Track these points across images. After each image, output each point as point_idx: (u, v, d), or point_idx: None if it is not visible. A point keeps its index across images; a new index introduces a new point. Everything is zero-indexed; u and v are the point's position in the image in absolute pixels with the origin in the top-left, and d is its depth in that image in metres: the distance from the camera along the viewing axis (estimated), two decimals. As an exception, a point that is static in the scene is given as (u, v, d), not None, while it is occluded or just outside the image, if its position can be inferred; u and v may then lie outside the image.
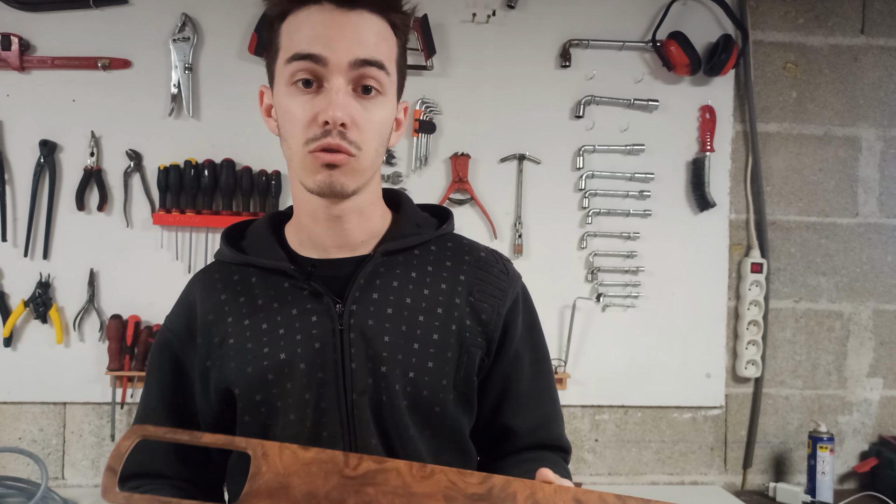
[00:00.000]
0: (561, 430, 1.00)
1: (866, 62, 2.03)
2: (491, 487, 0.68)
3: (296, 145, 0.82)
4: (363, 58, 0.80)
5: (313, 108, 0.80)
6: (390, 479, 0.68)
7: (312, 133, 0.80)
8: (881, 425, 2.06)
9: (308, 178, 0.83)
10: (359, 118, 0.81)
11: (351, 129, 0.80)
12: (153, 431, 0.71)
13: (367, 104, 0.82)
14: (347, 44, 0.80)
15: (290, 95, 0.82)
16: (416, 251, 0.93)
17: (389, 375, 0.85)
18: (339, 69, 0.80)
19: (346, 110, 0.80)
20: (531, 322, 0.99)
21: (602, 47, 1.95)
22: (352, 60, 0.80)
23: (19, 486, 1.72)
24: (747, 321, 2.00)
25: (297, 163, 0.84)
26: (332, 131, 0.79)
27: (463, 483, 0.68)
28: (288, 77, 0.81)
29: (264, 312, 0.88)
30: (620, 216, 1.96)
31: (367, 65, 0.80)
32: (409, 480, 0.68)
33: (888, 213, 2.04)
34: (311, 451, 0.69)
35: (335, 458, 0.68)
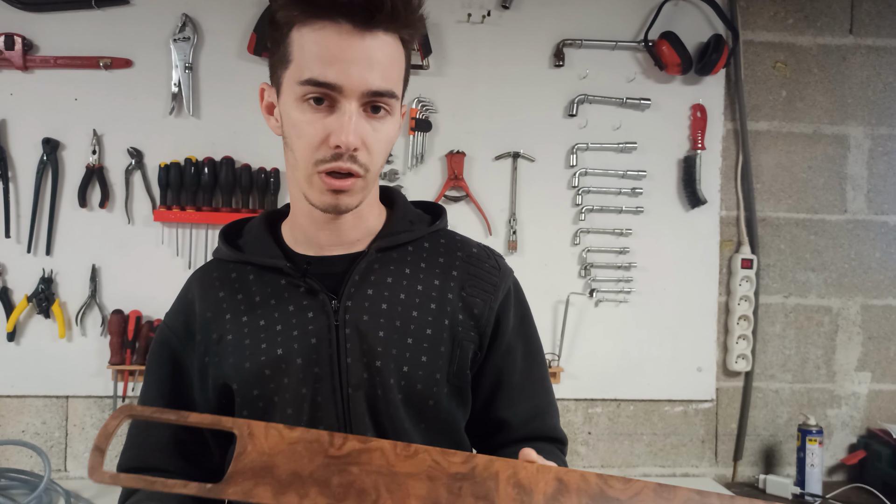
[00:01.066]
0: (555, 421, 1.01)
1: (854, 62, 2.06)
2: (474, 467, 0.68)
3: (304, 161, 0.83)
4: (376, 89, 0.80)
5: (325, 129, 0.80)
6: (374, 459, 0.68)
7: (322, 154, 0.81)
8: (869, 418, 2.09)
9: (314, 195, 0.84)
10: (369, 140, 0.82)
11: (361, 151, 0.81)
12: (140, 411, 0.70)
13: (377, 124, 0.83)
14: (361, 71, 0.79)
15: (300, 111, 0.82)
16: (409, 247, 0.94)
17: (384, 370, 0.86)
18: (352, 95, 0.79)
19: (358, 135, 0.80)
20: (523, 315, 1.00)
21: (595, 47, 1.97)
22: (365, 90, 0.80)
23: (22, 478, 1.74)
24: (738, 316, 2.03)
25: (302, 177, 0.84)
26: (343, 155, 0.80)
27: (446, 462, 0.69)
28: (299, 94, 0.81)
29: (261, 309, 0.89)
30: (613, 213, 1.99)
31: (379, 95, 0.81)
32: (392, 460, 0.68)
33: (876, 209, 2.08)
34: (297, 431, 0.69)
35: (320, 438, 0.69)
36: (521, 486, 0.67)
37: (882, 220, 2.08)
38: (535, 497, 0.67)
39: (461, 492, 0.67)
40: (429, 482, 0.67)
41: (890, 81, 2.06)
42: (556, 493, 0.67)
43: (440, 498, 0.67)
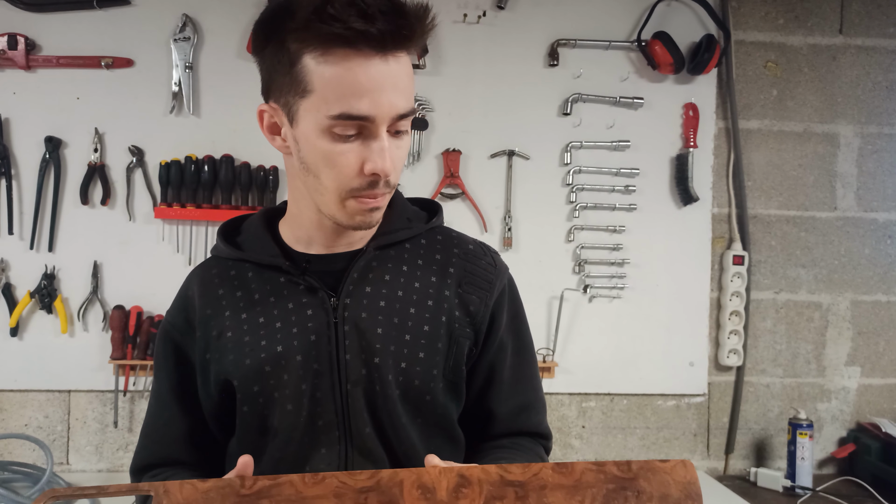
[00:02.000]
0: (541, 417, 1.02)
1: (844, 61, 2.09)
2: (379, 480, 0.71)
3: (337, 189, 0.83)
4: (403, 112, 0.81)
5: (359, 158, 0.80)
6: (284, 491, 0.71)
7: (359, 183, 0.82)
8: (859, 412, 2.12)
9: (344, 217, 0.85)
10: (397, 161, 0.83)
11: (392, 174, 0.83)
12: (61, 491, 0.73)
13: (401, 144, 0.84)
14: (390, 98, 0.79)
15: (330, 140, 0.80)
16: (406, 245, 0.95)
17: (382, 366, 0.87)
18: (383, 122, 0.80)
19: (394, 163, 0.82)
20: (515, 312, 1.01)
21: (589, 47, 2.00)
22: (394, 116, 0.80)
23: (25, 471, 1.77)
24: (729, 311, 2.05)
25: (332, 202, 0.84)
26: (379, 182, 0.82)
27: (352, 481, 0.72)
28: (329, 126, 0.79)
29: (261, 306, 0.90)
30: (607, 210, 2.01)
31: (404, 117, 0.82)
32: (300, 488, 0.71)
33: (865, 207, 2.10)
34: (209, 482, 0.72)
35: (232, 484, 0.71)
36: (425, 487, 0.71)
37: (871, 218, 2.11)
38: (439, 493, 0.71)
39: (367, 501, 0.71)
40: (336, 499, 0.71)
41: (879, 80, 2.09)
42: (458, 486, 0.71)
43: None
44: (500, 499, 0.71)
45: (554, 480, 0.72)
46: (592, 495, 0.71)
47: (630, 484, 0.71)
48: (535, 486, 0.71)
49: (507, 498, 0.71)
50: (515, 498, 0.71)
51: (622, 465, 0.73)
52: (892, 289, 2.11)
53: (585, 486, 0.71)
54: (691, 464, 0.73)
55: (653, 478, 0.72)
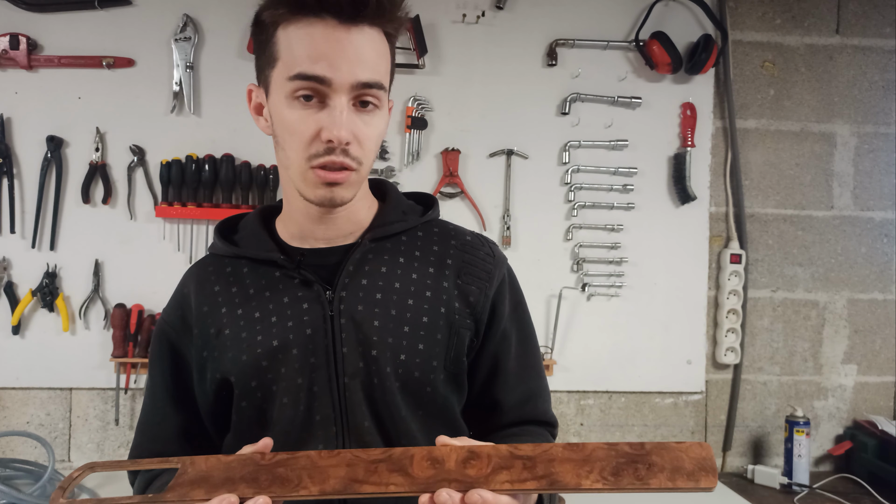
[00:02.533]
0: (546, 405, 1.02)
1: (841, 61, 2.10)
2: (391, 454, 0.74)
3: (296, 158, 0.84)
4: (365, 81, 0.81)
5: (316, 124, 0.81)
6: (300, 462, 0.75)
7: (315, 149, 0.82)
8: (855, 410, 2.13)
9: (308, 191, 0.85)
10: (360, 134, 0.83)
11: (353, 145, 0.82)
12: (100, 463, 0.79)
13: (367, 118, 0.84)
14: (350, 65, 0.80)
15: (290, 108, 0.82)
16: (402, 237, 0.95)
17: (380, 359, 0.87)
18: (342, 89, 0.80)
19: (350, 129, 0.81)
20: (517, 302, 1.01)
21: (587, 47, 2.01)
22: (354, 83, 0.81)
23: (27, 469, 1.77)
24: (727, 310, 2.07)
25: (296, 174, 0.85)
26: (335, 149, 0.81)
27: (366, 455, 0.75)
28: (289, 91, 0.82)
29: (256, 301, 0.90)
30: (605, 209, 2.03)
31: (368, 87, 0.82)
32: (315, 459, 0.75)
33: (862, 206, 2.11)
34: (233, 456, 0.76)
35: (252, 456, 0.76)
36: (435, 459, 0.73)
37: (868, 216, 2.12)
38: (447, 464, 0.72)
39: (377, 468, 0.73)
40: (347, 467, 0.74)
41: (875, 80, 2.10)
42: (468, 459, 0.73)
43: (357, 475, 0.73)
44: (508, 468, 0.72)
45: (563, 455, 0.72)
46: (601, 466, 0.70)
47: (641, 458, 0.70)
48: (543, 459, 0.72)
49: (515, 468, 0.72)
50: (523, 468, 0.72)
51: (635, 445, 0.72)
52: (888, 287, 2.12)
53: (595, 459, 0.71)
54: (708, 445, 0.71)
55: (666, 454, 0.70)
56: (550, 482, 0.70)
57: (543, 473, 0.71)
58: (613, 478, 0.69)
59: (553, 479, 0.70)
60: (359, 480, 0.73)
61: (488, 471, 0.72)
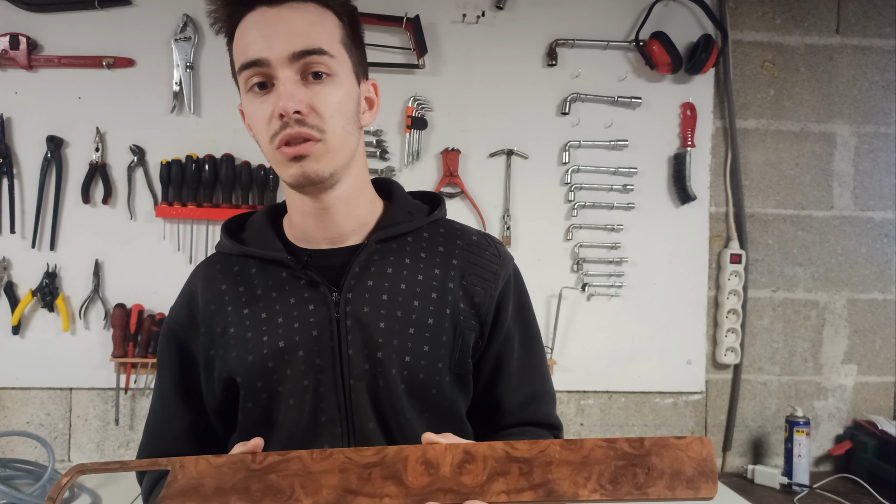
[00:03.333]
0: (550, 407, 1.01)
1: (841, 61, 2.10)
2: (384, 455, 0.73)
3: (265, 145, 0.85)
4: (300, 49, 0.82)
5: (270, 106, 0.83)
6: (292, 466, 0.73)
7: (273, 129, 0.83)
8: (855, 410, 2.13)
9: (283, 172, 0.85)
10: (314, 102, 0.83)
11: (309, 114, 0.82)
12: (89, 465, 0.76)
13: (320, 88, 0.83)
14: (282, 39, 0.81)
15: (250, 101, 0.85)
16: (408, 238, 0.94)
17: (386, 361, 0.87)
18: (281, 64, 0.82)
19: (297, 98, 0.81)
20: (521, 302, 1.00)
21: (587, 47, 2.01)
22: (290, 54, 0.81)
23: (27, 469, 1.77)
24: (727, 310, 2.06)
25: (270, 161, 0.86)
26: (290, 122, 0.82)
27: (358, 457, 0.73)
28: (244, 86, 0.85)
29: (263, 302, 0.90)
30: (605, 209, 2.03)
31: (306, 54, 0.82)
32: (308, 464, 0.73)
33: (862, 206, 2.11)
34: (223, 458, 0.75)
35: (243, 459, 0.74)
36: (429, 462, 0.72)
37: (868, 216, 2.12)
38: (442, 469, 0.72)
39: (371, 476, 0.72)
40: (340, 474, 0.73)
41: (875, 80, 2.10)
42: (463, 462, 0.72)
43: (351, 485, 0.72)
44: (504, 474, 0.71)
45: (561, 457, 0.71)
46: (599, 472, 0.70)
47: (640, 460, 0.70)
48: (540, 463, 0.71)
49: (511, 474, 0.71)
50: (519, 474, 0.71)
51: (634, 441, 0.71)
52: (888, 287, 2.12)
53: (593, 462, 0.70)
54: (709, 441, 0.71)
55: (665, 454, 0.70)
56: (547, 492, 0.70)
57: (540, 481, 0.70)
58: (612, 486, 0.69)
59: (550, 489, 0.70)
60: (352, 491, 0.72)
61: (484, 478, 0.71)
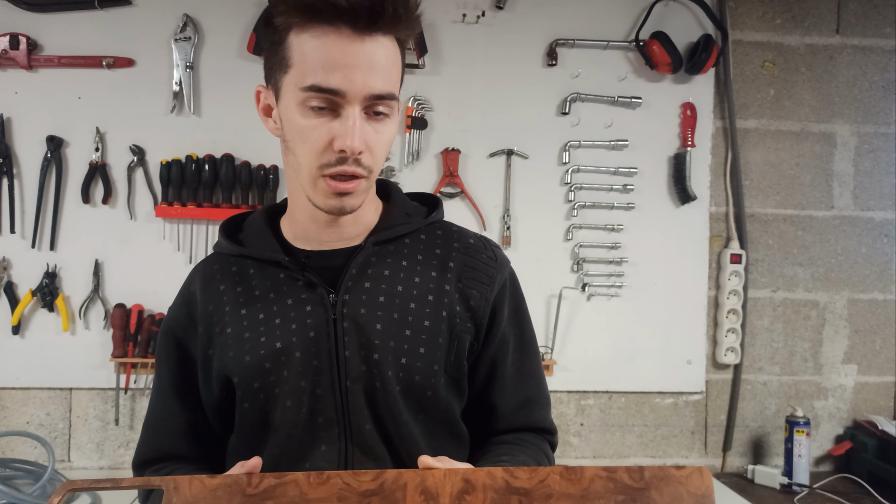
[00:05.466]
0: (544, 412, 1.01)
1: (841, 61, 2.10)
2: (383, 482, 0.72)
3: (308, 166, 0.83)
4: (378, 92, 0.81)
5: (329, 133, 0.81)
6: (288, 491, 0.72)
7: (327, 159, 0.82)
8: (855, 410, 2.13)
9: (318, 199, 0.85)
10: (371, 142, 0.83)
11: (365, 154, 0.82)
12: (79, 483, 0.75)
13: (379, 126, 0.83)
14: (364, 76, 0.79)
15: (303, 116, 0.82)
16: (406, 240, 0.95)
17: (382, 362, 0.87)
18: (355, 100, 0.80)
19: (363, 139, 0.81)
20: (517, 307, 1.00)
21: (587, 47, 2.01)
22: (368, 94, 0.80)
23: (27, 469, 1.77)
24: (727, 310, 2.06)
25: (306, 181, 0.85)
26: (347, 159, 0.81)
27: (356, 482, 0.72)
28: (302, 100, 0.81)
29: (261, 302, 0.90)
30: (605, 209, 2.03)
31: (381, 98, 0.81)
32: (305, 489, 0.72)
33: (862, 206, 2.11)
34: (218, 479, 0.73)
35: (239, 481, 0.72)
36: (428, 492, 0.71)
37: (868, 216, 2.12)
38: (441, 500, 0.71)
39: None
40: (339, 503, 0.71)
41: (875, 80, 2.10)
42: (462, 493, 0.71)
43: None
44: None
45: (561, 489, 0.70)
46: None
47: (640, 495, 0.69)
48: (540, 495, 0.70)
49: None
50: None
51: (634, 472, 0.71)
52: (888, 287, 2.12)
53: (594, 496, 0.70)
54: (708, 472, 0.71)
55: (665, 488, 0.70)
56: None
57: None
58: None
59: None
60: None
61: None
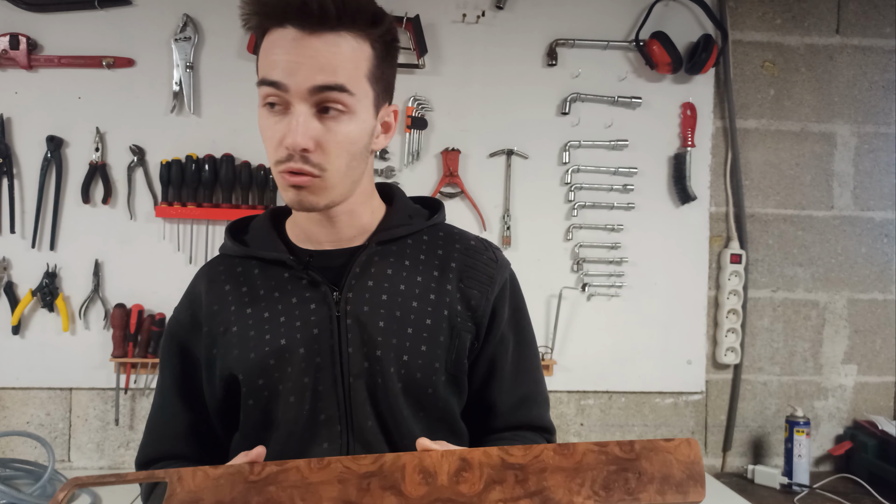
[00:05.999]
0: (542, 410, 1.02)
1: (841, 61, 2.10)
2: (382, 464, 0.74)
3: (270, 162, 0.87)
4: (321, 84, 0.81)
5: (279, 131, 0.83)
6: (290, 477, 0.73)
7: (279, 155, 0.84)
8: (855, 410, 2.13)
9: (282, 193, 0.88)
10: (323, 139, 0.83)
11: (314, 152, 0.82)
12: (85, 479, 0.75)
13: (332, 124, 0.83)
14: (307, 71, 0.81)
15: (262, 116, 0.85)
16: (408, 241, 0.97)
17: (384, 359, 0.89)
18: (299, 95, 0.81)
19: (307, 136, 0.81)
20: (517, 307, 1.02)
21: (587, 46, 2.01)
22: (310, 87, 0.81)
23: (27, 469, 1.77)
24: (727, 310, 2.07)
25: (274, 176, 0.88)
26: (294, 156, 0.82)
27: (356, 466, 0.74)
28: (260, 99, 0.85)
29: (265, 301, 0.92)
30: (605, 209, 2.03)
31: (326, 90, 0.81)
32: (306, 474, 0.73)
33: (862, 206, 2.11)
34: (220, 469, 0.74)
35: (241, 470, 0.74)
36: (426, 471, 0.73)
37: (868, 217, 2.12)
38: (440, 478, 0.73)
39: (370, 486, 0.73)
40: (339, 485, 0.73)
41: (875, 80, 2.11)
42: (459, 470, 0.73)
43: (350, 496, 0.73)
44: (500, 482, 0.73)
45: (554, 463, 0.73)
46: (592, 478, 0.72)
47: (631, 465, 0.72)
48: (535, 469, 0.73)
49: (507, 482, 0.73)
50: (515, 481, 0.73)
51: (625, 445, 0.73)
52: (888, 287, 2.12)
53: (586, 468, 0.72)
54: (696, 442, 0.73)
55: (655, 458, 0.72)
56: (543, 500, 0.72)
57: (536, 489, 0.72)
58: (604, 492, 0.71)
59: (546, 497, 0.72)
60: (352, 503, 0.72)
61: (481, 487, 0.72)
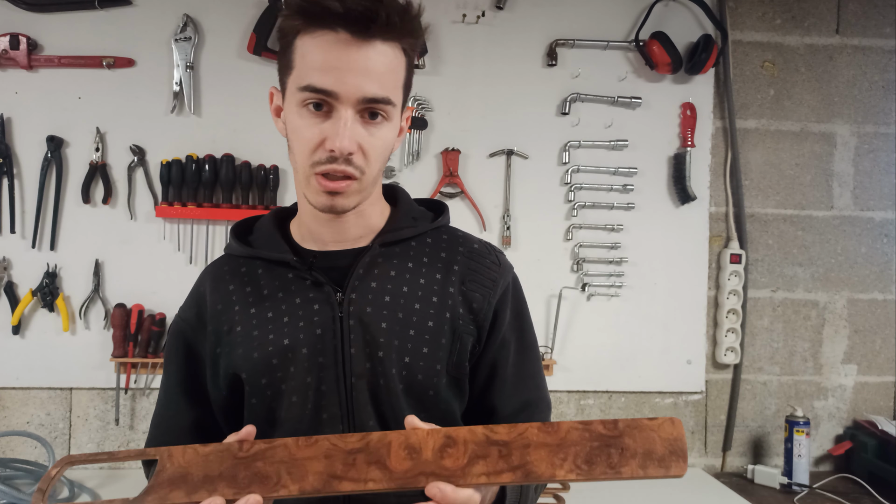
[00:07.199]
0: (544, 415, 1.02)
1: (841, 61, 2.10)
2: (368, 441, 0.75)
3: (302, 163, 0.86)
4: (371, 96, 0.83)
5: (322, 133, 0.83)
6: (277, 453, 0.75)
7: (319, 157, 0.84)
8: (855, 410, 2.13)
9: (311, 196, 0.88)
10: (365, 144, 0.84)
11: (356, 155, 0.84)
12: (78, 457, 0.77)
13: (373, 129, 0.85)
14: (358, 80, 0.82)
15: (300, 115, 0.85)
16: (412, 243, 0.97)
17: (386, 360, 0.89)
18: (348, 102, 0.82)
19: (353, 140, 0.83)
20: (519, 311, 1.02)
21: (587, 47, 2.01)
22: (360, 97, 0.82)
23: (27, 469, 1.78)
24: (726, 310, 2.07)
25: (302, 179, 0.88)
26: (338, 158, 0.83)
27: (343, 443, 0.75)
28: (300, 100, 0.84)
29: (269, 301, 0.93)
30: (605, 209, 2.03)
31: (374, 101, 0.83)
32: (294, 451, 0.75)
33: (862, 206, 2.12)
34: (210, 446, 0.76)
35: (230, 447, 0.76)
36: (412, 447, 0.75)
37: (868, 216, 2.12)
38: (424, 453, 0.74)
39: (355, 461, 0.74)
40: (326, 460, 0.75)
41: (875, 80, 2.11)
42: (444, 447, 0.74)
43: (336, 470, 0.74)
44: (484, 457, 0.74)
45: (538, 439, 0.74)
46: (575, 453, 0.73)
47: (614, 441, 0.73)
48: (518, 445, 0.74)
49: (491, 457, 0.74)
50: (499, 456, 0.74)
51: (609, 423, 0.74)
52: (888, 287, 2.13)
53: (569, 444, 0.73)
54: (679, 421, 0.74)
55: (638, 435, 0.73)
56: (526, 473, 0.73)
57: (519, 463, 0.73)
58: (587, 466, 0.72)
59: (528, 470, 0.73)
60: (337, 476, 0.74)
61: (464, 461, 0.73)
